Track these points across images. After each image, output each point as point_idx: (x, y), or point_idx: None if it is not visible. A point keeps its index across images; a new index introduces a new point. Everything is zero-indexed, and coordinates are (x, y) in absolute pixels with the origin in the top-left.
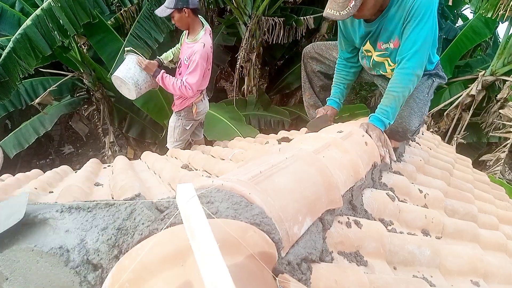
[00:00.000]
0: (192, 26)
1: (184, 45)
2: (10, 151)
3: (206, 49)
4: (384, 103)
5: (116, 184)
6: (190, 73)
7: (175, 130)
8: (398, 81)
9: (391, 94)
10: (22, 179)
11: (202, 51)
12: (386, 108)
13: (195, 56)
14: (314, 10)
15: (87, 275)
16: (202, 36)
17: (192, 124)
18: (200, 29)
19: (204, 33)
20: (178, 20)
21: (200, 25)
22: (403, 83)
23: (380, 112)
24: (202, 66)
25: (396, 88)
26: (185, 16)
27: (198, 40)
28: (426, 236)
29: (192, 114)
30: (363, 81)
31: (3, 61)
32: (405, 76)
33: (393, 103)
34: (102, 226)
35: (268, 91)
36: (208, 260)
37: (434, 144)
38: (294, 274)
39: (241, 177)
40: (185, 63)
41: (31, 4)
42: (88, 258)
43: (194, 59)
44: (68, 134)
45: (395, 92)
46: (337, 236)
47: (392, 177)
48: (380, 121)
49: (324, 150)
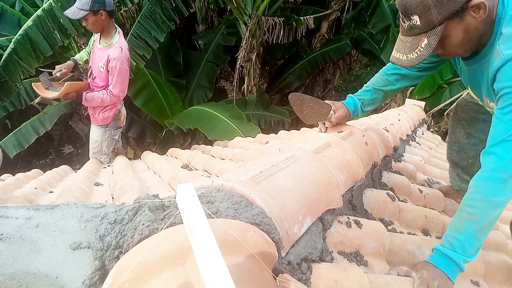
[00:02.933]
0: (106, 29)
1: (97, 51)
2: (10, 151)
3: (124, 53)
4: (453, 227)
5: (116, 183)
6: (115, 82)
7: (103, 144)
8: (478, 189)
9: (465, 211)
10: (22, 179)
11: (121, 56)
12: (456, 235)
13: (114, 62)
14: (314, 10)
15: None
16: (118, 40)
17: (119, 133)
18: (114, 33)
19: (118, 37)
20: (92, 23)
21: (113, 28)
22: (486, 193)
23: (447, 244)
24: (124, 71)
25: (474, 201)
26: (101, 19)
27: (113, 45)
28: (426, 236)
29: (120, 122)
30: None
31: (4, 62)
32: (489, 180)
33: (468, 227)
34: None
35: (268, 91)
36: (208, 260)
37: (434, 144)
38: (294, 274)
39: (241, 177)
40: (101, 71)
41: (31, 4)
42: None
43: (114, 65)
44: (68, 134)
45: (472, 207)
46: (337, 236)
47: (392, 177)
48: (446, 260)
49: (324, 150)
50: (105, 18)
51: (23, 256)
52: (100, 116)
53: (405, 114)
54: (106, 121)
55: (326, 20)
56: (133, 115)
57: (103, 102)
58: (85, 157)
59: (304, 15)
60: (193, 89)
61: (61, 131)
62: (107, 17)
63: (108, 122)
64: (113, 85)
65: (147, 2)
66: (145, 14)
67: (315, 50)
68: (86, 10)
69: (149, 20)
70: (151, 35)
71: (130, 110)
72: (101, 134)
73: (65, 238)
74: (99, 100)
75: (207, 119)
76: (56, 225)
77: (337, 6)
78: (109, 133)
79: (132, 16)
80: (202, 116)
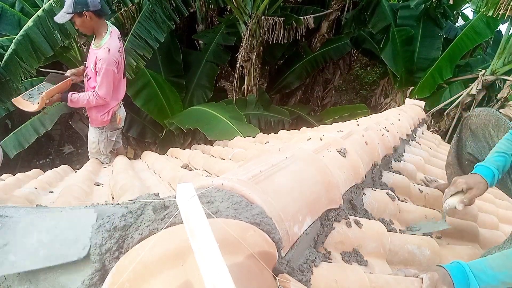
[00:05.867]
0: (97, 30)
1: (90, 51)
2: (10, 151)
3: (112, 54)
4: (491, 262)
5: (116, 183)
6: (100, 84)
7: (100, 145)
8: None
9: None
10: (22, 178)
11: (108, 57)
12: (488, 270)
13: (100, 63)
14: (314, 9)
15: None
16: (107, 41)
17: (117, 134)
18: (105, 33)
19: (109, 37)
20: (80, 25)
21: (105, 28)
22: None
23: (474, 267)
24: (110, 73)
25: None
26: (87, 20)
27: (102, 46)
28: (426, 236)
29: (117, 124)
30: None
31: (5, 63)
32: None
33: (502, 276)
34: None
35: (268, 90)
36: (208, 260)
37: (434, 144)
38: (294, 274)
39: (241, 177)
40: (92, 71)
41: (31, 4)
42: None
43: (101, 67)
44: (68, 134)
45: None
46: (337, 236)
47: (392, 177)
48: (463, 277)
49: (324, 150)
50: (91, 18)
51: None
52: (96, 118)
53: (405, 114)
54: (100, 123)
55: (326, 19)
56: (133, 115)
57: (89, 103)
58: (85, 157)
59: (304, 15)
60: (193, 89)
61: (61, 131)
62: (94, 17)
63: (105, 124)
64: (99, 87)
65: (147, 2)
66: (145, 14)
67: (315, 50)
68: (70, 12)
69: (149, 20)
70: (151, 35)
71: (130, 110)
72: (98, 135)
73: (65, 238)
74: (84, 101)
75: (207, 119)
76: (57, 225)
77: (337, 5)
78: (105, 134)
79: (132, 16)
80: (202, 116)
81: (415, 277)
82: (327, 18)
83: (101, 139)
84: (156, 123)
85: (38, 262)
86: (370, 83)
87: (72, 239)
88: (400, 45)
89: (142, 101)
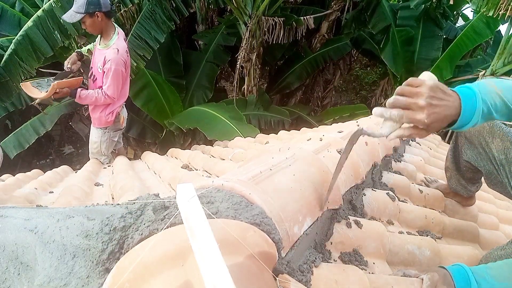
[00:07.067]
0: (105, 31)
1: (96, 52)
2: (10, 152)
3: (120, 54)
4: (494, 270)
5: (116, 184)
6: (109, 84)
7: (102, 145)
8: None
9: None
10: (22, 179)
11: (117, 58)
12: (490, 278)
13: (109, 64)
14: (314, 10)
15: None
16: (115, 41)
17: (119, 134)
18: (113, 34)
19: (117, 38)
20: (90, 25)
21: (113, 29)
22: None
23: (477, 273)
24: (119, 73)
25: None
26: (98, 21)
27: (111, 46)
28: (426, 236)
29: (119, 124)
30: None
31: (4, 63)
32: None
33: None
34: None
35: (268, 91)
36: (208, 260)
37: (434, 144)
38: (294, 275)
39: (241, 177)
40: (99, 71)
41: (31, 4)
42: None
43: (109, 67)
44: (69, 134)
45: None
46: (337, 236)
47: (392, 177)
48: (465, 279)
49: (324, 150)
50: (102, 19)
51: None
52: (100, 118)
53: None
54: (103, 124)
55: (326, 20)
56: (133, 115)
57: (97, 101)
58: (85, 157)
59: (304, 15)
60: (193, 89)
61: (62, 131)
62: (104, 18)
63: (108, 125)
64: (107, 87)
65: (147, 2)
66: (145, 14)
67: (315, 50)
68: (82, 12)
69: (149, 20)
70: (151, 35)
71: (130, 110)
72: (100, 135)
73: (65, 239)
74: (93, 98)
75: (207, 120)
76: (56, 226)
77: (337, 6)
78: (108, 134)
79: (132, 16)
80: (202, 116)
81: (415, 278)
82: (327, 18)
83: (103, 140)
84: (156, 124)
85: None
86: (370, 83)
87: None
88: (400, 46)
89: (142, 101)
